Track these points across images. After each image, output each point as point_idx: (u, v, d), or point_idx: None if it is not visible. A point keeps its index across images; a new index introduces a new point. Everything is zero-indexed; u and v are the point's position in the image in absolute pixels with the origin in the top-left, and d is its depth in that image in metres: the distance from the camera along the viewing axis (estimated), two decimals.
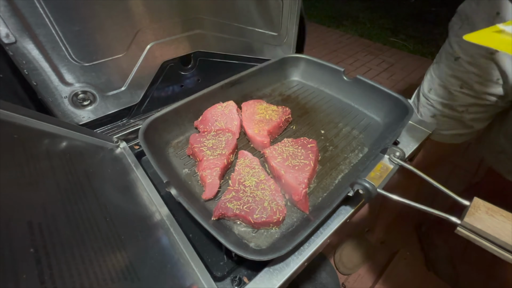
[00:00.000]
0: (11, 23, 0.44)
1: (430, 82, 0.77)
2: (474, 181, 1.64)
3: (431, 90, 0.77)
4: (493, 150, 0.83)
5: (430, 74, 0.78)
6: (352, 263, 1.31)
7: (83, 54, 0.53)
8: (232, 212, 0.45)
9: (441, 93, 0.74)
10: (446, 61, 0.71)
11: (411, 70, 2.59)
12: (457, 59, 0.68)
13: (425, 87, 0.79)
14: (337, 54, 2.93)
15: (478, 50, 0.63)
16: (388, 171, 0.46)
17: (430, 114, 0.79)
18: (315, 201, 0.51)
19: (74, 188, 0.41)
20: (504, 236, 0.33)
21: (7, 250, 0.26)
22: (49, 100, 0.54)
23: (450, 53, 0.70)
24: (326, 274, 1.22)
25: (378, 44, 3.04)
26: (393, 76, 2.55)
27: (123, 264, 0.36)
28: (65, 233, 0.33)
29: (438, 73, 0.74)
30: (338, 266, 1.32)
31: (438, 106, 0.76)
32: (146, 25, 0.58)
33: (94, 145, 0.57)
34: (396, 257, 1.36)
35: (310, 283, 1.17)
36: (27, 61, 0.48)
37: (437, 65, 0.76)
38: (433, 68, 0.77)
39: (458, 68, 0.68)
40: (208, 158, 0.53)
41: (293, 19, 0.81)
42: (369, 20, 3.48)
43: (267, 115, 0.62)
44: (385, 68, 2.66)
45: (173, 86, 0.73)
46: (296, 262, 0.42)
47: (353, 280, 1.30)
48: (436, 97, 0.76)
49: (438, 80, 0.74)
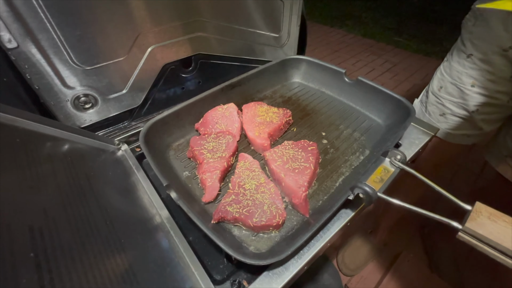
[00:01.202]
0: (13, 28, 0.44)
1: (441, 80, 0.77)
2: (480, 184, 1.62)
3: (441, 89, 0.76)
4: (500, 153, 0.82)
5: (441, 72, 0.77)
6: (355, 264, 1.30)
7: (85, 58, 0.54)
8: (232, 215, 0.45)
9: (452, 91, 0.73)
10: (458, 58, 0.71)
11: (415, 70, 2.57)
12: (470, 56, 0.67)
13: (435, 86, 0.79)
14: (339, 54, 2.91)
15: (491, 47, 0.62)
16: (389, 174, 0.45)
17: (439, 112, 0.78)
18: (316, 204, 0.51)
19: (75, 191, 0.42)
20: (506, 242, 0.32)
21: (7, 254, 0.26)
22: (51, 104, 0.55)
23: (462, 51, 0.70)
24: (328, 275, 1.21)
25: (381, 44, 3.02)
26: (396, 76, 2.53)
27: (123, 268, 0.36)
28: (66, 237, 0.33)
29: (449, 71, 0.74)
30: (341, 268, 1.31)
31: (448, 105, 0.75)
32: (147, 29, 0.58)
33: (96, 147, 0.58)
34: (399, 259, 1.35)
35: (312, 284, 1.17)
36: (30, 66, 0.49)
37: (448, 63, 0.75)
38: (444, 66, 0.77)
39: (470, 65, 0.68)
40: (208, 161, 0.53)
41: (295, 20, 0.81)
42: (372, 19, 3.46)
43: (268, 117, 0.62)
44: (388, 68, 2.64)
45: (174, 88, 0.73)
46: (296, 266, 0.42)
47: (356, 281, 1.29)
48: (447, 96, 0.75)
49: (449, 78, 0.74)
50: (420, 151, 0.62)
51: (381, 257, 1.35)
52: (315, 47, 3.05)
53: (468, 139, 0.79)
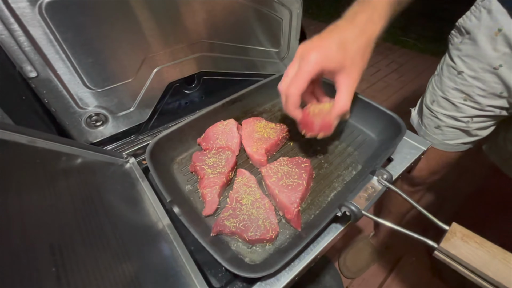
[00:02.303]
0: (34, 60, 0.49)
1: (433, 95, 0.78)
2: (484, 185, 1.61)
3: (434, 102, 0.77)
4: (502, 156, 0.83)
5: (432, 86, 0.78)
6: (356, 267, 1.32)
7: (96, 81, 0.59)
8: (229, 229, 0.49)
9: (445, 105, 0.75)
10: (449, 74, 0.71)
11: (422, 70, 2.54)
12: (460, 73, 0.68)
13: (428, 99, 0.80)
14: None
15: (481, 65, 0.63)
16: (375, 192, 0.49)
17: (434, 125, 0.79)
18: (308, 218, 0.55)
19: (88, 208, 0.47)
20: (475, 262, 0.35)
21: (34, 270, 0.31)
22: (66, 123, 0.60)
23: (452, 67, 0.70)
24: (330, 278, 1.24)
25: (388, 44, 2.99)
26: (402, 77, 2.51)
27: (130, 278, 0.41)
28: (81, 252, 0.38)
29: (440, 85, 0.75)
30: (342, 270, 1.33)
31: (442, 118, 0.76)
32: (153, 52, 0.63)
33: (106, 162, 0.63)
34: (401, 262, 1.36)
35: (314, 286, 1.20)
36: (48, 91, 0.54)
37: (438, 77, 0.76)
38: (435, 80, 0.77)
39: (462, 82, 0.68)
40: (208, 176, 0.57)
41: (294, 34, 0.84)
42: None
43: (266, 133, 0.65)
44: (395, 69, 2.62)
45: (179, 103, 0.77)
46: (287, 278, 0.46)
47: (357, 284, 1.31)
48: (440, 109, 0.76)
49: (440, 92, 0.75)
50: (413, 165, 0.64)
51: (383, 260, 1.36)
52: None
53: (465, 146, 0.80)
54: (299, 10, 0.78)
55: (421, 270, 1.31)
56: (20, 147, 0.48)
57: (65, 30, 0.50)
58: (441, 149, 0.82)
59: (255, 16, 0.73)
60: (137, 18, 0.56)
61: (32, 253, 0.32)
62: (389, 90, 2.37)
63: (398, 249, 1.38)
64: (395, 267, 1.33)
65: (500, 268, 0.34)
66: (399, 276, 1.30)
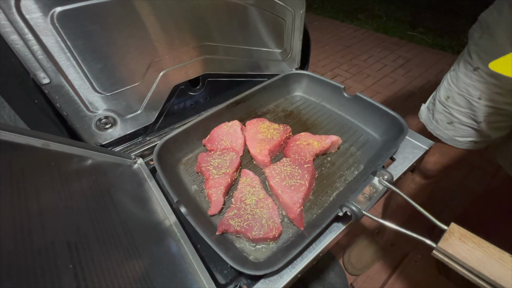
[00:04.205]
0: (46, 67, 0.52)
1: (448, 90, 0.77)
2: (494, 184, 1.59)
3: (449, 98, 0.77)
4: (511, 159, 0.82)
5: (448, 81, 0.78)
6: (361, 264, 1.33)
7: (105, 86, 0.61)
8: (234, 228, 0.51)
9: (460, 102, 0.74)
10: (465, 70, 0.71)
11: (429, 66, 2.50)
12: (476, 69, 0.67)
13: (442, 95, 0.79)
14: (351, 50, 2.87)
15: None
16: (376, 193, 0.50)
17: (447, 121, 0.79)
18: (310, 217, 0.56)
19: (100, 207, 0.49)
20: (471, 262, 0.36)
21: (53, 267, 0.34)
22: (77, 126, 0.63)
23: (469, 63, 0.70)
24: (334, 274, 1.26)
25: (395, 39, 2.94)
26: (409, 72, 2.47)
27: (141, 274, 0.43)
28: (95, 249, 0.40)
29: (456, 82, 0.74)
30: (347, 267, 1.34)
31: (456, 114, 0.76)
32: (159, 57, 0.64)
33: (115, 163, 0.65)
34: (406, 260, 1.36)
35: (318, 283, 1.22)
36: (59, 96, 0.56)
37: (454, 73, 0.75)
38: (451, 76, 0.77)
39: (478, 78, 0.68)
40: (214, 177, 0.59)
41: (297, 35, 0.84)
42: (385, 12, 3.37)
43: (269, 134, 0.67)
44: (401, 64, 2.58)
45: (184, 104, 0.79)
46: (289, 275, 0.48)
47: (362, 280, 1.32)
48: (455, 106, 0.76)
49: (456, 89, 0.74)
50: (415, 164, 0.65)
51: (387, 258, 1.36)
52: (326, 43, 3.02)
53: (475, 145, 0.79)
54: (302, 11, 0.79)
55: (426, 267, 1.30)
56: (35, 151, 0.50)
57: (75, 38, 0.52)
58: (450, 144, 0.82)
59: (258, 17, 0.74)
60: (143, 24, 0.58)
61: (52, 250, 0.35)
62: (396, 86, 2.34)
63: (403, 246, 1.37)
64: (400, 264, 1.33)
65: (497, 268, 0.35)
66: (404, 273, 1.30)
